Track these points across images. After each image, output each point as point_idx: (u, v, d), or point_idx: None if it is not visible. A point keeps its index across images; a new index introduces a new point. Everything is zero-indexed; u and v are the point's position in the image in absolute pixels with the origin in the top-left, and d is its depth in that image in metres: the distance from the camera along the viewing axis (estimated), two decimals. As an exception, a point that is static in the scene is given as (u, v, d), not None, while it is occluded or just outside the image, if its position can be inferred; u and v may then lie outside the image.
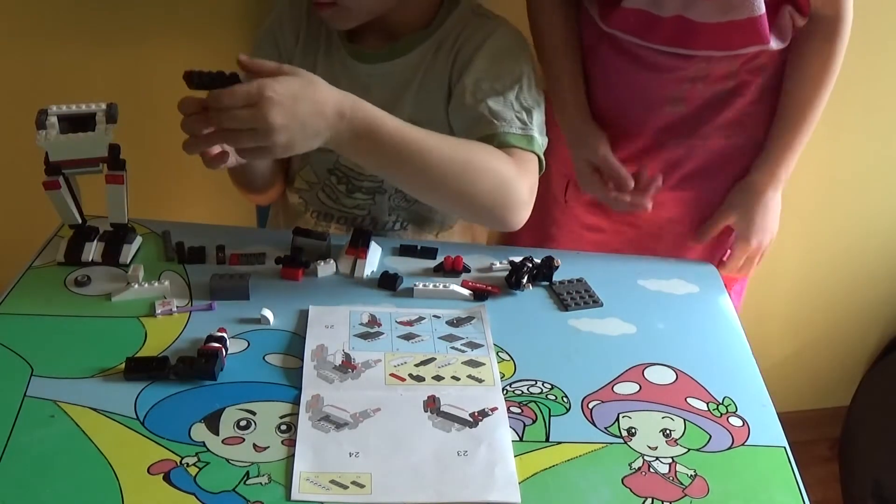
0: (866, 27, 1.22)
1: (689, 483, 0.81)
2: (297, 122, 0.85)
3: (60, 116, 0.96)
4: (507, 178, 1.00)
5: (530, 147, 1.05)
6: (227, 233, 1.12)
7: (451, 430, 0.84)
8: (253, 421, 0.84)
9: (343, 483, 0.77)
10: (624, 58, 1.16)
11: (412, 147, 0.93)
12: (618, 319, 1.01)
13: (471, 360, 0.93)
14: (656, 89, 1.17)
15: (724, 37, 1.10)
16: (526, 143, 1.04)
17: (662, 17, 1.09)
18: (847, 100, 1.54)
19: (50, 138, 0.95)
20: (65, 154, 0.96)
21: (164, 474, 0.77)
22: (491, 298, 1.03)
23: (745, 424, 0.88)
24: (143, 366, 0.88)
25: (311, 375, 0.89)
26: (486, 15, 1.13)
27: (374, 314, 0.98)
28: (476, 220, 1.17)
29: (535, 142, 1.05)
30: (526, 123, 1.05)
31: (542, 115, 1.10)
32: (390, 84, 1.12)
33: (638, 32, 1.13)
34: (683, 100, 1.17)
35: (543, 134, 1.08)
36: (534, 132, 1.06)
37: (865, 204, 1.71)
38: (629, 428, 0.86)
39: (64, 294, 1.00)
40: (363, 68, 1.12)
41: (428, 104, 1.10)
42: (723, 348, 0.99)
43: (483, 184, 0.99)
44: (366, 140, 0.91)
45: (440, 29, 1.11)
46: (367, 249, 1.06)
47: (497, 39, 1.09)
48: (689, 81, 1.15)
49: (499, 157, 1.01)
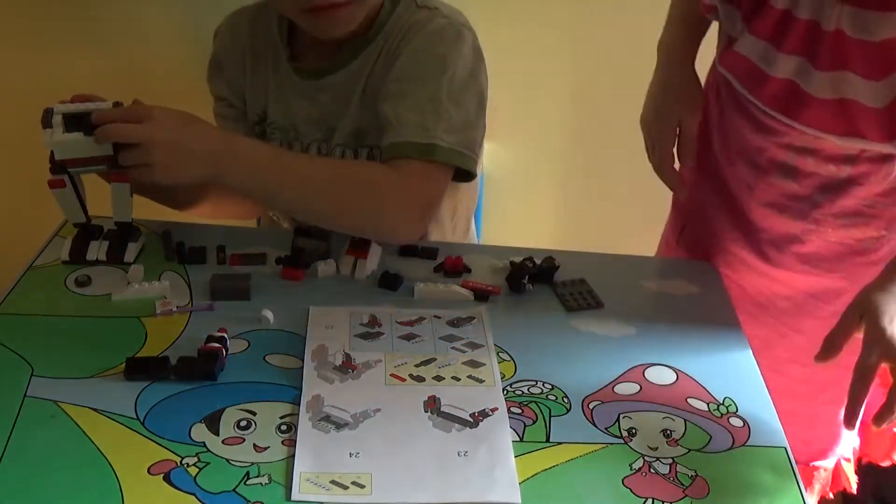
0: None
1: (690, 483, 0.81)
2: (178, 141, 0.92)
3: (66, 115, 0.96)
4: (378, 199, 1.01)
5: (429, 156, 1.02)
6: (228, 233, 1.12)
7: (452, 430, 0.84)
8: (253, 421, 0.83)
9: (343, 483, 0.77)
10: (737, 105, 1.08)
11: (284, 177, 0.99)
12: (619, 320, 1.01)
13: (471, 360, 0.93)
14: (765, 151, 1.07)
15: (834, 118, 0.98)
16: (423, 153, 1.02)
17: (771, 76, 1.00)
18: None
19: (56, 137, 0.95)
20: (70, 153, 0.96)
21: (164, 474, 0.77)
22: (492, 299, 1.03)
23: (746, 425, 0.88)
24: (144, 366, 0.88)
25: (312, 376, 0.89)
26: (426, 6, 1.09)
27: (374, 314, 0.98)
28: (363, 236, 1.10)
29: (436, 150, 1.02)
30: (429, 129, 1.02)
31: (469, 116, 1.06)
32: (335, 94, 1.11)
33: (747, 83, 1.04)
34: (794, 172, 1.05)
35: (468, 138, 1.05)
36: (438, 140, 1.02)
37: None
38: (630, 428, 0.86)
39: (64, 294, 1.00)
40: (309, 84, 1.11)
41: (372, 111, 1.09)
42: (723, 349, 0.99)
43: (353, 206, 1.01)
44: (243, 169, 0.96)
45: (381, 32, 1.09)
46: (367, 250, 1.06)
47: (423, 36, 1.06)
48: (796, 151, 1.04)
49: (375, 176, 1.02)
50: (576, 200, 1.76)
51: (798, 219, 1.08)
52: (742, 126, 1.08)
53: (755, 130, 1.07)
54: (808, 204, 1.07)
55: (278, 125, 1.14)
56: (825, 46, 0.94)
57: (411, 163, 1.03)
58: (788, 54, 0.97)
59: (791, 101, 1.00)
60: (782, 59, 0.97)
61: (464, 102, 1.06)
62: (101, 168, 0.98)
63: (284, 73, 1.12)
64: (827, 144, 1.01)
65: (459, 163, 1.06)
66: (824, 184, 1.04)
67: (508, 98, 1.17)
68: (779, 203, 1.09)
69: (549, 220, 1.79)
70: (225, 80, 1.16)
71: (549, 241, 1.56)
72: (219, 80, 1.16)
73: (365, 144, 1.11)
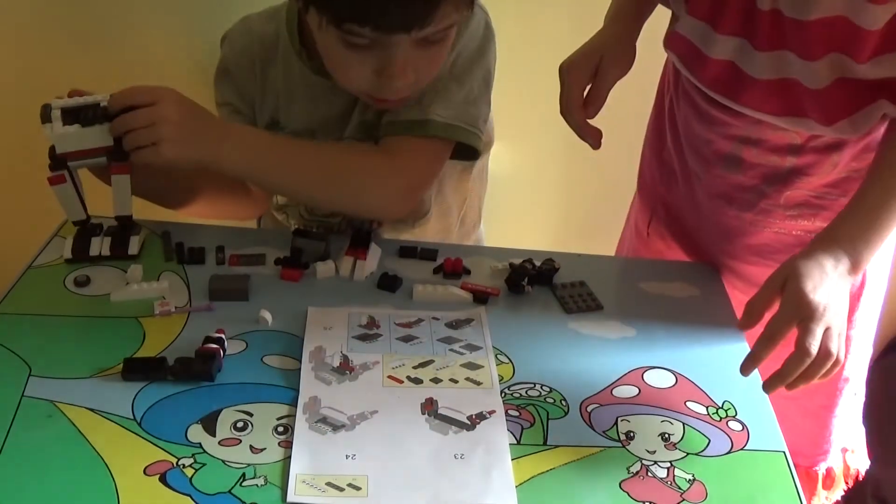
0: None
1: (688, 488, 0.80)
2: (190, 118, 0.95)
3: (64, 109, 0.96)
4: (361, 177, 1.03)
5: (423, 132, 1.03)
6: (227, 233, 1.12)
7: (449, 432, 0.83)
8: (250, 422, 0.83)
9: (339, 485, 0.77)
10: (685, 95, 1.08)
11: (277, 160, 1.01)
12: (618, 322, 1.01)
13: (469, 362, 0.92)
14: (711, 143, 1.07)
15: (775, 99, 0.97)
16: (417, 129, 1.03)
17: (710, 58, 0.99)
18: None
19: (57, 130, 0.96)
20: (71, 145, 0.97)
21: (160, 475, 0.77)
22: (491, 301, 1.03)
23: (745, 429, 0.88)
24: (141, 366, 0.88)
25: (309, 377, 0.89)
26: None
27: (372, 316, 0.98)
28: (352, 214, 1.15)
29: (430, 125, 1.03)
30: (425, 105, 1.03)
31: (472, 93, 1.05)
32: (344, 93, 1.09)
33: (688, 65, 1.03)
34: (739, 163, 1.05)
35: (468, 113, 1.05)
36: (432, 115, 1.03)
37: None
38: (627, 432, 0.86)
39: (63, 294, 1.00)
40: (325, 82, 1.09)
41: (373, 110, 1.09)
42: (723, 352, 0.98)
43: (338, 186, 1.03)
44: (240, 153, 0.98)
45: None
46: (366, 251, 1.06)
47: None
48: (740, 141, 1.04)
49: (359, 155, 1.05)
50: (577, 202, 1.76)
51: (746, 210, 1.08)
52: (689, 116, 1.09)
53: (700, 121, 1.07)
54: (755, 195, 1.06)
55: (291, 129, 1.13)
56: (763, 26, 0.94)
57: (404, 140, 1.04)
58: (726, 35, 0.97)
59: (732, 83, 0.99)
60: (721, 40, 0.97)
61: (467, 79, 1.06)
62: (102, 160, 0.98)
63: (298, 76, 1.12)
64: (770, 135, 1.01)
65: (457, 137, 1.06)
66: (769, 174, 1.04)
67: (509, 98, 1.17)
68: (727, 194, 1.09)
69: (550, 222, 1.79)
70: (233, 87, 1.15)
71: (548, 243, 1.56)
72: (226, 87, 1.15)
73: (373, 136, 1.11)
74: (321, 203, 1.12)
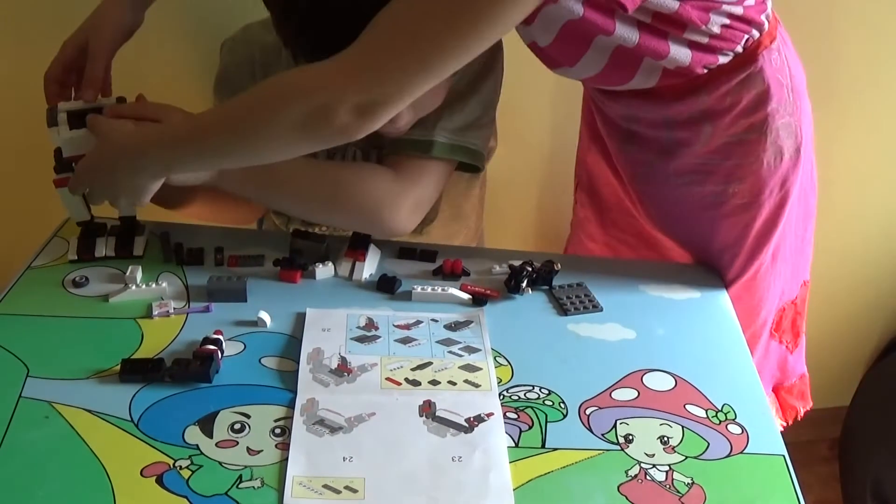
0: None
1: (687, 491, 0.80)
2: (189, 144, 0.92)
3: (70, 112, 0.96)
4: (373, 202, 1.03)
5: (427, 153, 1.04)
6: (226, 234, 1.12)
7: (447, 435, 0.83)
8: (247, 424, 0.83)
9: (336, 488, 0.77)
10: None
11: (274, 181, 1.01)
12: (617, 325, 1.01)
13: (468, 364, 0.92)
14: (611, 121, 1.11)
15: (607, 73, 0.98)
16: (420, 149, 1.04)
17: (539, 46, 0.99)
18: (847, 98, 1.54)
19: (64, 134, 0.96)
20: (78, 149, 0.97)
21: (156, 477, 0.77)
22: (490, 302, 1.02)
23: (745, 432, 0.87)
24: (139, 368, 0.88)
25: (307, 379, 0.89)
26: None
27: (371, 317, 0.98)
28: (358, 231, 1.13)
29: (435, 146, 1.04)
30: (428, 125, 1.03)
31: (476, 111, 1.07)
32: None
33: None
34: (633, 138, 1.08)
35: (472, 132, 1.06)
36: (436, 136, 1.04)
37: (865, 204, 1.70)
38: (626, 435, 0.85)
39: (61, 295, 1.00)
40: None
41: None
42: (723, 355, 0.98)
43: (342, 207, 1.04)
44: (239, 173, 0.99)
45: None
46: (365, 252, 1.06)
47: None
48: (625, 120, 1.08)
49: (369, 180, 1.03)
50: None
51: (646, 183, 1.12)
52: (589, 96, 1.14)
53: (593, 99, 1.11)
54: (648, 167, 1.10)
55: None
56: None
57: (407, 159, 1.04)
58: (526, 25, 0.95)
59: (547, 62, 1.01)
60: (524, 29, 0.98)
61: (472, 98, 1.07)
62: None
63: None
64: (641, 112, 1.05)
65: (461, 157, 1.06)
66: (658, 148, 1.07)
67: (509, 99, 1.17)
68: (629, 170, 1.13)
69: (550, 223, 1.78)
70: (233, 94, 1.14)
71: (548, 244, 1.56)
72: (227, 95, 1.15)
73: (375, 145, 1.11)
74: (326, 223, 1.11)
